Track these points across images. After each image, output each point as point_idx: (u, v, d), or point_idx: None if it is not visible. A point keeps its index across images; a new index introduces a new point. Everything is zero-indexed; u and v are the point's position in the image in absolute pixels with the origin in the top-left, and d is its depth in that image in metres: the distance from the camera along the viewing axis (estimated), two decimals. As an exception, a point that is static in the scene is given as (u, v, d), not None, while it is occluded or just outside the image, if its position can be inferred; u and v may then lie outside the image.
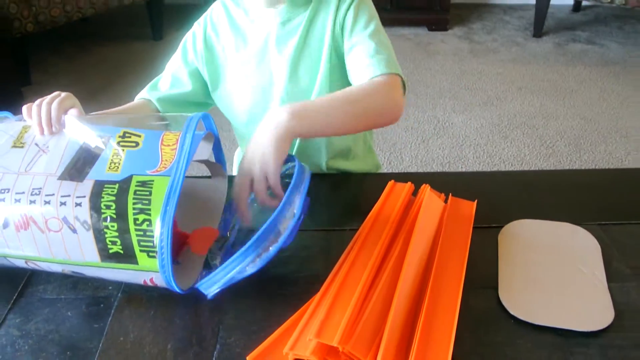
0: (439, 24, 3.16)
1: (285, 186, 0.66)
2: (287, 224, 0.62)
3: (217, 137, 0.76)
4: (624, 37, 3.05)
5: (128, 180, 0.60)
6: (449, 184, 0.85)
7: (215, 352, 0.60)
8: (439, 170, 1.94)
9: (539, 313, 0.64)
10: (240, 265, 0.60)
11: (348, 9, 0.86)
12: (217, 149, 0.78)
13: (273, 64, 0.90)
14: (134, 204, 0.59)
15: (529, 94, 2.48)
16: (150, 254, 0.59)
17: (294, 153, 0.95)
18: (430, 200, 0.77)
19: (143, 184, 0.60)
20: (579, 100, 2.43)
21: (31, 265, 0.66)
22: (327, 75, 0.88)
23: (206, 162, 0.79)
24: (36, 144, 0.67)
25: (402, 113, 0.84)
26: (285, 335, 0.60)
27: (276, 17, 0.88)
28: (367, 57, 0.83)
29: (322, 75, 0.88)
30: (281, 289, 0.68)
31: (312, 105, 0.76)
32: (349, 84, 0.88)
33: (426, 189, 0.79)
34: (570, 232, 0.77)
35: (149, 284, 0.63)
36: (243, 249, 0.60)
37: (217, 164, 0.80)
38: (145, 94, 0.94)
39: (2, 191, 0.62)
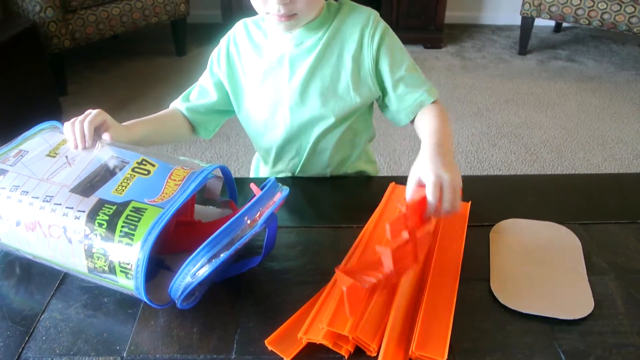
0: (433, 43, 3.15)
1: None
2: (244, 234, 0.59)
3: (232, 183, 0.75)
4: (600, 55, 3.04)
5: (126, 204, 0.60)
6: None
7: (236, 336, 0.60)
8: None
9: (527, 302, 0.64)
10: (193, 269, 0.57)
11: (380, 43, 0.85)
12: (232, 190, 0.76)
13: (285, 82, 0.88)
14: (122, 227, 0.58)
15: (515, 106, 2.47)
16: (128, 275, 0.58)
17: (300, 166, 0.95)
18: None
19: (137, 210, 0.59)
20: (560, 112, 2.42)
21: (37, 261, 0.65)
22: (340, 99, 0.87)
23: (216, 202, 0.78)
24: (66, 157, 0.68)
25: None
26: (299, 322, 0.60)
27: (291, 40, 0.87)
28: (412, 91, 0.87)
29: (334, 99, 0.87)
30: (295, 279, 0.69)
31: (448, 142, 0.77)
32: (361, 110, 0.90)
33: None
34: (554, 230, 0.77)
35: (134, 296, 0.61)
36: (193, 254, 0.57)
37: (228, 200, 0.78)
38: (177, 103, 0.95)
39: (22, 193, 0.62)
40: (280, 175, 0.98)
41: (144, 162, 0.66)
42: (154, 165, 0.66)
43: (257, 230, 0.60)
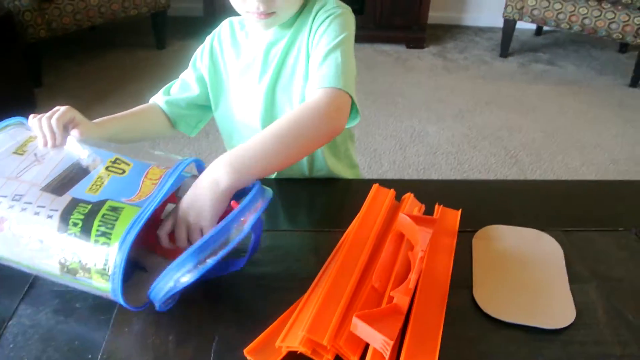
0: (416, 42, 3.15)
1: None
2: (231, 240, 0.58)
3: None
4: (579, 60, 3.08)
5: (101, 203, 0.57)
6: (427, 190, 0.84)
7: (213, 344, 0.58)
8: (415, 176, 1.94)
9: (509, 311, 0.63)
10: (177, 275, 0.56)
11: (318, 27, 0.81)
12: None
13: (255, 82, 0.87)
14: (98, 226, 0.55)
15: (496, 108, 2.49)
16: (104, 277, 0.56)
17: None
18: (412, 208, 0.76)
19: (114, 209, 0.57)
20: (540, 115, 2.44)
21: (4, 264, 0.63)
22: (302, 95, 0.84)
23: None
24: (35, 154, 0.65)
25: (342, 125, 0.75)
26: (279, 330, 0.58)
27: (266, 39, 0.85)
28: (316, 70, 0.77)
29: (296, 96, 0.85)
30: (275, 285, 0.67)
31: (249, 153, 0.66)
32: None
33: (409, 198, 0.78)
34: (536, 237, 0.77)
35: (109, 298, 0.58)
36: (179, 258, 0.55)
37: None
38: (157, 98, 0.93)
39: None
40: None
41: (118, 161, 0.64)
42: (128, 165, 0.64)
43: (244, 235, 0.58)
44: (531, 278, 0.69)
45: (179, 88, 0.93)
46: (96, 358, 0.56)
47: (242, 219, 0.58)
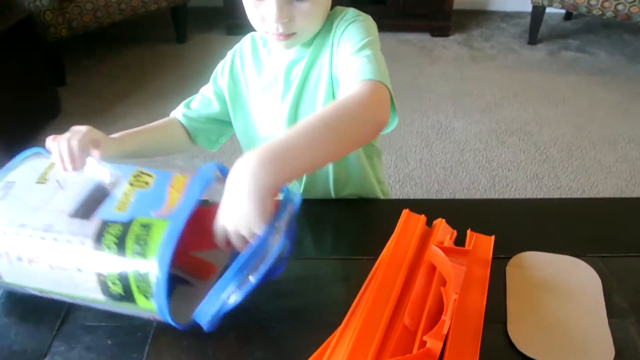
0: (441, 31, 3.10)
1: None
2: (269, 254, 0.56)
3: None
4: (611, 46, 2.99)
5: (131, 221, 0.57)
6: (458, 212, 0.83)
7: (245, 384, 0.59)
8: (442, 175, 1.91)
9: (544, 350, 0.62)
10: (223, 296, 0.55)
11: (342, 34, 0.79)
12: None
13: (278, 101, 0.87)
14: (133, 246, 0.55)
15: (524, 100, 2.43)
16: (148, 296, 0.56)
17: (302, 187, 0.92)
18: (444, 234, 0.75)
19: (145, 226, 0.56)
20: (570, 107, 2.38)
21: (45, 296, 0.63)
22: None
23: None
24: (57, 181, 0.65)
25: (386, 118, 0.69)
26: (311, 371, 0.58)
27: (287, 57, 0.84)
28: (347, 67, 0.73)
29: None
30: (306, 318, 0.67)
31: (292, 143, 0.60)
32: None
33: (441, 223, 0.77)
34: (573, 265, 0.74)
35: (157, 319, 0.59)
36: (221, 280, 0.55)
37: None
38: (176, 112, 0.93)
39: (19, 226, 0.60)
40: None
41: (140, 174, 0.64)
42: (151, 176, 0.64)
43: (281, 246, 0.58)
44: (567, 312, 0.68)
45: (199, 103, 0.93)
46: (129, 400, 0.57)
47: (275, 228, 0.58)
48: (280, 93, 0.86)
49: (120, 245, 0.56)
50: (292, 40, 0.79)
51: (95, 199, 0.61)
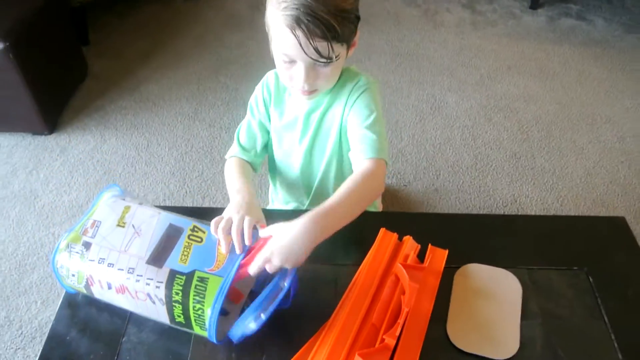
0: (446, -8, 3.17)
1: None
2: (276, 298, 0.81)
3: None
4: (610, 12, 3.07)
5: (192, 274, 0.79)
6: (425, 225, 1.06)
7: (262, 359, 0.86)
8: (431, 151, 2.12)
9: (470, 343, 0.87)
10: (247, 322, 0.79)
11: (355, 100, 1.01)
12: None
13: (296, 142, 1.08)
14: (194, 296, 0.78)
15: (517, 74, 2.58)
16: (202, 327, 0.80)
17: (309, 201, 1.17)
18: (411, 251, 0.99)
19: (202, 280, 0.79)
20: (558, 83, 2.53)
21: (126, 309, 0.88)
22: (335, 150, 1.07)
23: None
24: (132, 226, 0.86)
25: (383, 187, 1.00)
26: (307, 353, 0.84)
27: (306, 104, 1.04)
28: (361, 142, 0.98)
29: (331, 150, 1.07)
30: (304, 313, 0.92)
31: (336, 213, 0.87)
32: (346, 153, 1.07)
33: (409, 240, 1.01)
34: (504, 276, 0.99)
35: None
36: (251, 306, 0.79)
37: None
38: (239, 154, 1.10)
39: (109, 264, 0.82)
40: (288, 207, 1.21)
41: (195, 229, 0.87)
42: (204, 232, 0.87)
43: (285, 292, 0.82)
44: (493, 314, 0.93)
45: (249, 138, 1.12)
46: (184, 369, 0.84)
47: (283, 282, 0.83)
48: (298, 136, 1.08)
49: (185, 293, 0.79)
50: (313, 95, 1.00)
51: (163, 247, 0.84)
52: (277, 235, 0.82)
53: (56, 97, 2.27)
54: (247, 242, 0.83)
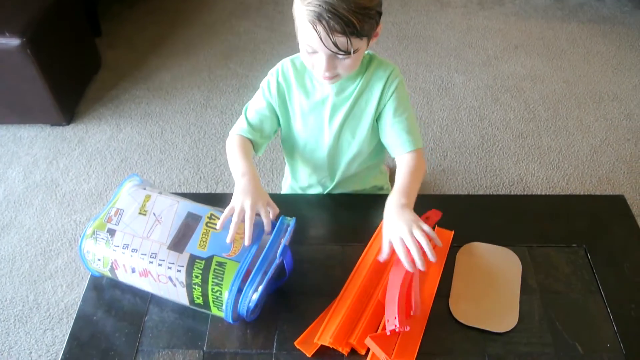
0: (453, -28, 3.15)
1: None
2: (269, 268, 0.87)
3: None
4: (621, -12, 3.03)
5: (210, 259, 0.85)
6: (431, 206, 1.10)
7: (275, 336, 0.91)
8: (438, 132, 2.15)
9: (470, 317, 0.92)
10: (249, 292, 0.84)
11: (393, 93, 1.06)
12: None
13: (326, 123, 1.11)
14: (212, 279, 0.84)
15: (524, 53, 2.58)
16: (220, 308, 0.86)
17: (332, 186, 1.23)
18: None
19: (220, 264, 0.85)
20: (565, 61, 2.53)
21: (147, 291, 0.94)
22: (365, 136, 1.12)
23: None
24: (154, 214, 0.92)
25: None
26: (317, 327, 0.90)
27: (332, 87, 1.07)
28: (404, 133, 1.07)
29: (361, 136, 1.12)
30: (314, 291, 0.97)
31: (411, 190, 0.99)
32: (378, 141, 1.14)
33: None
34: (504, 254, 1.03)
35: None
36: (248, 283, 0.84)
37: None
38: (245, 132, 1.12)
39: (133, 250, 0.88)
40: (311, 191, 1.26)
41: (212, 217, 0.92)
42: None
43: (277, 262, 0.87)
44: (493, 289, 0.98)
45: (258, 120, 1.13)
46: (204, 344, 0.90)
47: (275, 249, 0.89)
48: (328, 116, 1.10)
49: (204, 277, 0.85)
50: (335, 79, 1.02)
51: (183, 233, 0.89)
52: (387, 224, 0.94)
53: (72, 89, 2.33)
54: (266, 230, 0.91)
